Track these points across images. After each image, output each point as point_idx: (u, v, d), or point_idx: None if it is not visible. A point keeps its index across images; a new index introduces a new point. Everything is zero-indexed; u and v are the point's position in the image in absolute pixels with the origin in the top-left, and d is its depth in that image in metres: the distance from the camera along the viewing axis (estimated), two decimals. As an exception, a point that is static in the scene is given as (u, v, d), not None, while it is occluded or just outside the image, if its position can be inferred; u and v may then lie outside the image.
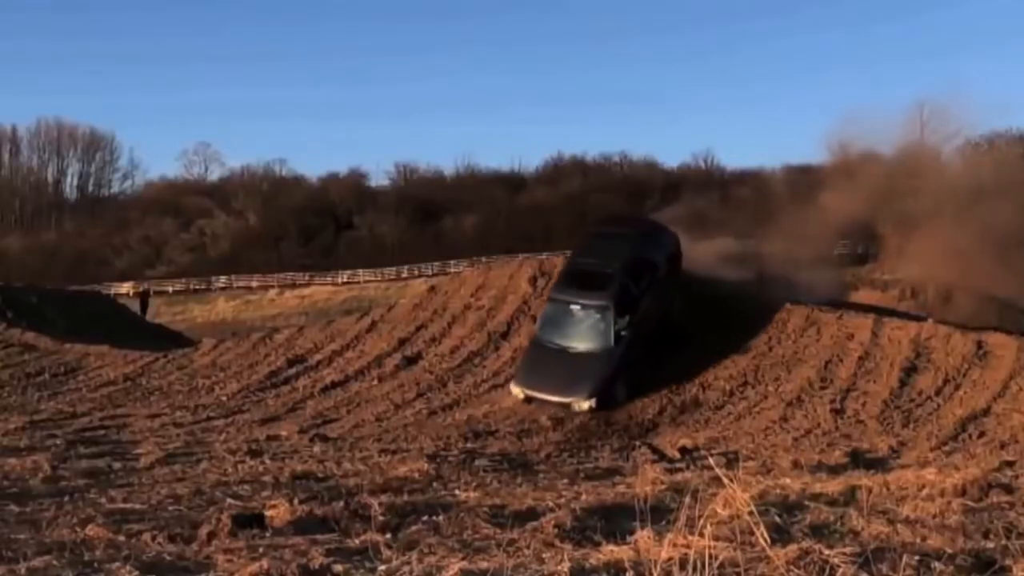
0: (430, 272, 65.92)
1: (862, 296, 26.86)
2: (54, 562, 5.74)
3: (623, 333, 17.01)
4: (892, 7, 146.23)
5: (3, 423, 15.39)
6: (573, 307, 17.55)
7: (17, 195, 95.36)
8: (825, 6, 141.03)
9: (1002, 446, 12.33)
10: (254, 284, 73.63)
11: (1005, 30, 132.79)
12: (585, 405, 16.25)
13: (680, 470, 10.59)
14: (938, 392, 14.92)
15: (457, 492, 8.89)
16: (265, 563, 5.36)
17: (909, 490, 7.26)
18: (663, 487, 8.15)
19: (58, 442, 13.25)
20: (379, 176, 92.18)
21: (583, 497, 8.17)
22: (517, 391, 16.93)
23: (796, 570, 4.67)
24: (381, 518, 6.92)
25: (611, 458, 12.94)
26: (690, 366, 17.04)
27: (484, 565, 5.11)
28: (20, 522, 7.64)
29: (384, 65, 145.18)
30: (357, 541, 6.23)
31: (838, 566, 4.69)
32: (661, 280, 18.25)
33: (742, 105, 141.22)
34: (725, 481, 5.78)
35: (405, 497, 8.27)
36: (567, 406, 16.32)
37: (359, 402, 17.74)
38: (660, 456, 12.72)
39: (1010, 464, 10.11)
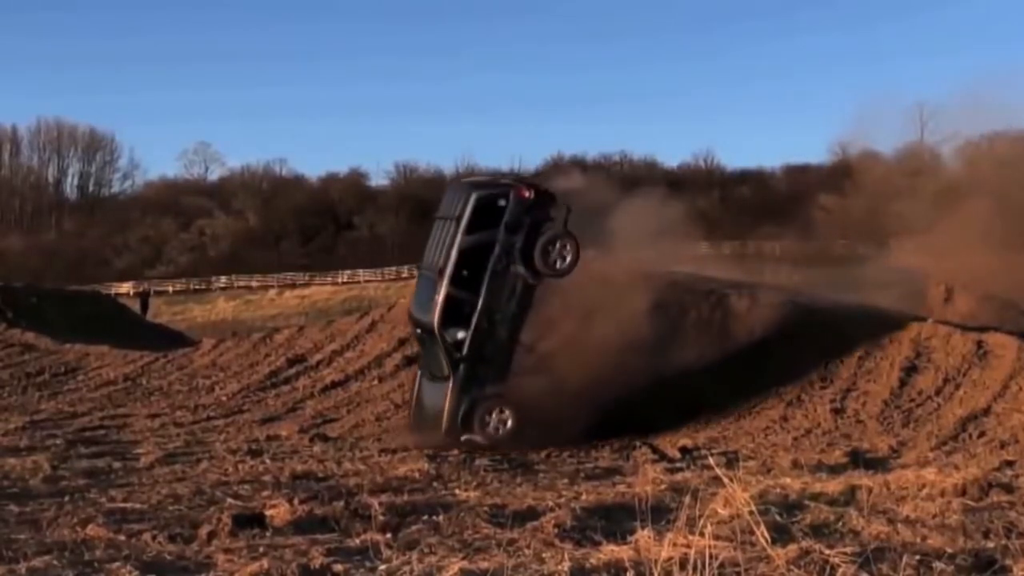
0: (430, 272, 65.74)
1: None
2: (54, 562, 5.74)
3: (458, 355, 13.77)
4: (892, 7, 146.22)
5: (3, 423, 15.38)
6: (417, 329, 14.93)
7: (17, 195, 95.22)
8: (826, 6, 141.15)
9: (1002, 446, 12.29)
10: (254, 284, 73.62)
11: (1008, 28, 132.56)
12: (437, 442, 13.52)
13: (680, 470, 10.58)
14: (938, 392, 14.87)
15: (457, 492, 8.90)
16: (265, 563, 5.38)
17: (909, 490, 7.26)
18: (663, 487, 8.16)
19: (58, 442, 13.25)
20: (379, 176, 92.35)
21: (583, 497, 8.18)
22: (412, 438, 14.11)
23: (796, 570, 4.67)
24: (381, 518, 6.93)
25: (611, 458, 12.91)
26: (690, 366, 16.95)
27: (484, 565, 5.12)
28: (20, 522, 7.65)
29: (384, 65, 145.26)
30: (357, 541, 6.24)
31: (838, 566, 4.70)
32: (506, 255, 13.91)
33: (742, 105, 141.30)
34: (725, 481, 5.79)
35: (405, 497, 8.29)
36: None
37: (359, 402, 17.70)
38: (660, 456, 12.69)
39: (1010, 464, 10.09)
